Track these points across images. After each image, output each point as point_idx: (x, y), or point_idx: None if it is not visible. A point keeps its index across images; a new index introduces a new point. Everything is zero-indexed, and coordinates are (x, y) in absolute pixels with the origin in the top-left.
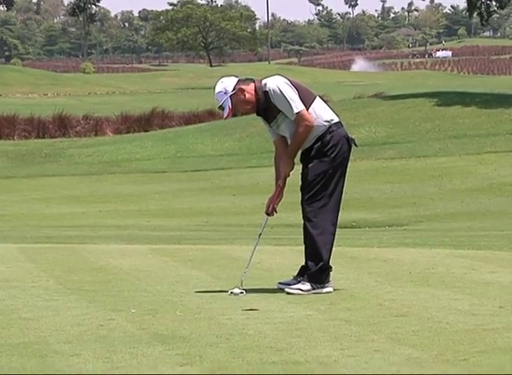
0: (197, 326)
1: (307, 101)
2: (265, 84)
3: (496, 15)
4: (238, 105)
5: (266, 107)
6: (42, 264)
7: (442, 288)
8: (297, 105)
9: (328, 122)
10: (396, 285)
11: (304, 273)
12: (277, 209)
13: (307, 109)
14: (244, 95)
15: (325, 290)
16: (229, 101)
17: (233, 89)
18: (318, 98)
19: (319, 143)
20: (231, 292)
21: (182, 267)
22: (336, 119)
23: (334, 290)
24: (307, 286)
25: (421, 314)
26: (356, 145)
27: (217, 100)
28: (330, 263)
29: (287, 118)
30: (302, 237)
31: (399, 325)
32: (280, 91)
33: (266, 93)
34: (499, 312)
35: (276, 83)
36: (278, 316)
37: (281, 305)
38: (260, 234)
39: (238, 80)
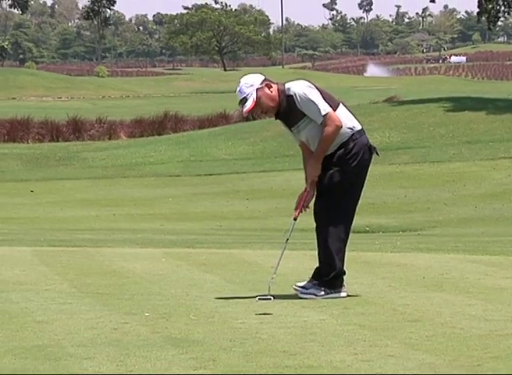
0: (211, 330)
1: (331, 107)
2: (289, 89)
3: (509, 20)
4: (263, 99)
5: (288, 111)
6: (56, 267)
7: (455, 294)
8: (325, 108)
9: (351, 129)
10: (410, 290)
11: (318, 276)
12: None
13: None
14: (271, 91)
15: (338, 295)
16: (255, 93)
17: (261, 83)
18: (341, 104)
19: (342, 150)
20: (259, 298)
21: (195, 271)
22: (359, 127)
23: (348, 295)
24: (320, 291)
25: (435, 319)
26: (378, 154)
27: (240, 92)
28: (344, 268)
29: (311, 123)
30: (315, 241)
31: (412, 330)
32: (306, 95)
33: (290, 97)
34: None
35: (302, 88)
36: (291, 320)
37: (295, 309)
38: (287, 240)
39: (265, 78)
